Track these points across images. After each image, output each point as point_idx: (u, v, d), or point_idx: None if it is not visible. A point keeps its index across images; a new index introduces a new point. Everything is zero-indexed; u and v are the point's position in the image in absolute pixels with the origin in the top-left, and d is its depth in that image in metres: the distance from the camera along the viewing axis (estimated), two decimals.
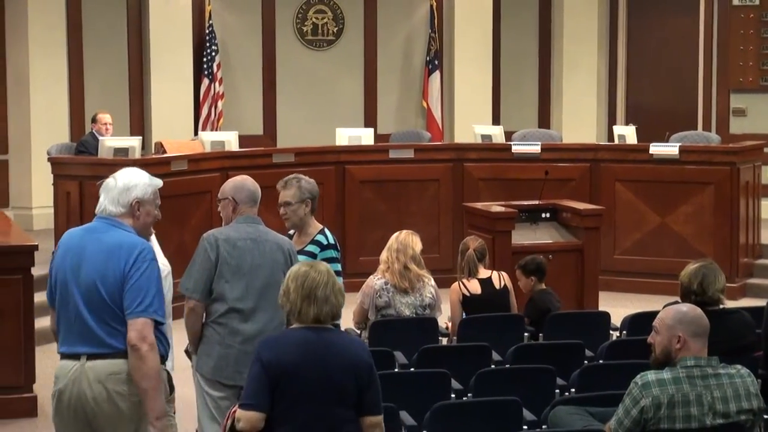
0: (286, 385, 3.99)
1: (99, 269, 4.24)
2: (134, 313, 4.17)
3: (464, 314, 7.05)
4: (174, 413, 4.53)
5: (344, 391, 4.02)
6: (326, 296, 4.10)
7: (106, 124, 10.73)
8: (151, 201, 4.44)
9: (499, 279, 7.16)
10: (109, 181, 4.43)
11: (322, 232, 5.90)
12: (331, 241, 5.89)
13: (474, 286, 7.09)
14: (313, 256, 5.75)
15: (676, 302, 5.20)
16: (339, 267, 5.84)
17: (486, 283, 7.10)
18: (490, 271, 7.20)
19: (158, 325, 4.26)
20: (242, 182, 5.43)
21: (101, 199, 4.41)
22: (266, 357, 4.02)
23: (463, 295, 7.07)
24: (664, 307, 5.00)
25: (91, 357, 4.21)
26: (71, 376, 4.23)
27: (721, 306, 5.68)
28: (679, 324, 4.45)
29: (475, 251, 7.17)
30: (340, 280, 5.73)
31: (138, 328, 4.15)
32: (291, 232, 5.89)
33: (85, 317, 4.23)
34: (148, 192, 4.42)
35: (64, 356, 4.30)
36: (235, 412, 4.13)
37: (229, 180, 5.51)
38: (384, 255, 6.92)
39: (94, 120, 10.91)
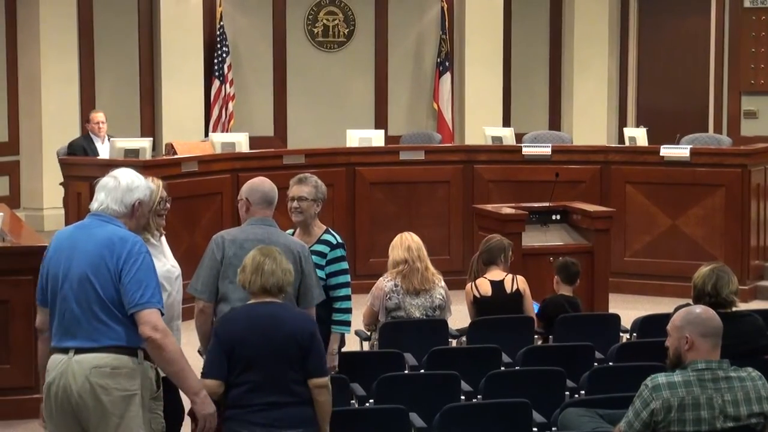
0: (238, 354, 4.58)
1: (92, 262, 4.28)
2: (138, 306, 4.22)
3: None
4: (161, 411, 4.57)
5: (289, 356, 4.58)
6: (272, 270, 4.69)
7: (99, 122, 10.63)
8: (148, 203, 4.59)
9: (512, 283, 7.06)
10: (109, 180, 4.46)
11: (328, 231, 5.91)
12: (339, 240, 5.91)
13: (485, 288, 7.05)
14: (322, 255, 5.77)
15: (687, 305, 5.19)
16: (346, 265, 5.88)
17: (497, 285, 7.04)
18: (505, 274, 7.10)
19: None
20: (258, 184, 5.43)
21: (101, 197, 4.43)
22: (220, 331, 4.67)
23: (474, 296, 7.06)
24: (676, 309, 5.00)
25: (78, 351, 4.27)
26: (59, 369, 4.28)
27: (734, 308, 5.67)
28: (688, 325, 4.44)
29: (481, 254, 7.16)
30: (347, 278, 5.82)
31: (146, 320, 4.21)
32: (289, 231, 5.86)
33: (75, 312, 4.28)
34: (147, 194, 4.54)
35: (55, 350, 4.35)
36: None
37: (249, 181, 5.52)
38: (402, 255, 6.82)
39: (88, 120, 10.90)
